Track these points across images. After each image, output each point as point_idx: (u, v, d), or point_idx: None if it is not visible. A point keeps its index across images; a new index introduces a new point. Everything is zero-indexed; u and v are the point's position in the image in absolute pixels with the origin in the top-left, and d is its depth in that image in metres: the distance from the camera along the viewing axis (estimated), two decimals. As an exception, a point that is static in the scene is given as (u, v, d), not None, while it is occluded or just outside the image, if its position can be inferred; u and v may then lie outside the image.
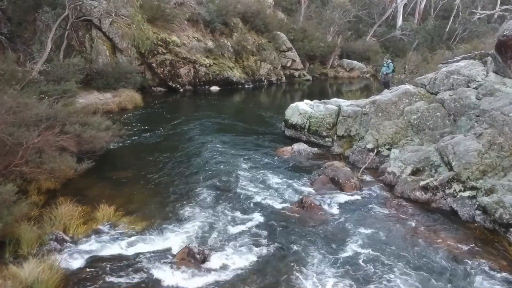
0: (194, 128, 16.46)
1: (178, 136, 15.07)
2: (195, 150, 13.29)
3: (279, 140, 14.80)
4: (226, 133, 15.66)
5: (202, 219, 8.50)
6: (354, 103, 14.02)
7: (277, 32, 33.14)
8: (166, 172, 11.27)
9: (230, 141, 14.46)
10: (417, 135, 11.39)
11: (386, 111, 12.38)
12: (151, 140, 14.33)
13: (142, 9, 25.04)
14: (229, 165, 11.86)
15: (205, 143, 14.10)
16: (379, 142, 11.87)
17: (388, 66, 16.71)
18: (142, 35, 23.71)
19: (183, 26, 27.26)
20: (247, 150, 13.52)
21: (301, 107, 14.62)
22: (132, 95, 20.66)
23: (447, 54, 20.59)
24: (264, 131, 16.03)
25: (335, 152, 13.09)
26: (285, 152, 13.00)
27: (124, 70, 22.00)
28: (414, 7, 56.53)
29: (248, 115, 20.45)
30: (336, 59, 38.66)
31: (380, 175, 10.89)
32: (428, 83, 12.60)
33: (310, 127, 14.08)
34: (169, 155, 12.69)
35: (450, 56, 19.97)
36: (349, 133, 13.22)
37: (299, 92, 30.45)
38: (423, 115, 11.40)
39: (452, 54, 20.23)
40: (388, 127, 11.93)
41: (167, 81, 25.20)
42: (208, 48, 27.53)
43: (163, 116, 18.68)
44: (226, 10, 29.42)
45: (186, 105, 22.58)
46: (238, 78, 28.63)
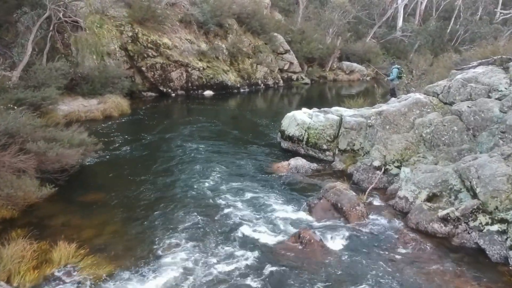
0: (183, 138, 15.12)
1: (164, 148, 13.72)
2: (181, 166, 11.95)
3: (274, 153, 13.45)
4: (218, 145, 14.34)
5: (183, 258, 7.15)
6: (358, 112, 12.66)
7: (274, 34, 31.84)
8: (146, 193, 9.91)
9: (221, 155, 13.13)
10: (430, 152, 10.04)
11: (394, 124, 11.02)
12: (134, 154, 12.97)
13: (132, 9, 23.74)
14: (219, 184, 10.53)
15: (193, 157, 12.77)
16: (386, 159, 10.51)
17: (393, 72, 15.04)
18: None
19: (175, 28, 25.91)
20: (239, 166, 12.18)
21: (299, 117, 13.27)
22: (118, 101, 19.28)
23: (454, 57, 19.24)
24: (259, 143, 14.68)
25: (337, 168, 11.73)
26: (281, 168, 11.65)
27: (112, 74, 20.65)
28: (415, 8, 55.37)
29: (242, 123, 19.12)
30: (335, 62, 37.37)
31: (389, 198, 9.52)
32: (441, 92, 11.25)
33: (309, 139, 12.74)
34: (151, 172, 11.34)
35: (459, 59, 18.65)
36: (352, 147, 11.86)
37: (297, 96, 29.13)
38: (438, 129, 10.03)
39: (460, 57, 18.89)
40: (397, 142, 10.57)
41: (158, 85, 23.88)
42: (202, 50, 26.20)
43: (150, 125, 17.33)
44: (221, 10, 28.08)
45: (177, 111, 21.23)
46: (233, 82, 27.32)
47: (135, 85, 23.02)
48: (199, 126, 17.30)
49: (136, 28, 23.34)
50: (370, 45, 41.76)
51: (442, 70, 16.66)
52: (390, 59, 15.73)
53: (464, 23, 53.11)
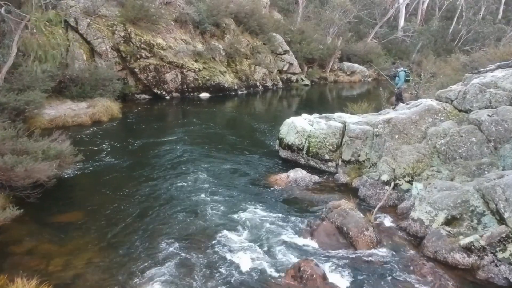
0: (174, 144, 14.12)
1: (153, 157, 12.69)
2: (170, 177, 10.92)
3: (272, 163, 12.42)
4: (212, 152, 13.35)
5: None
6: (363, 119, 11.63)
7: (273, 34, 30.87)
8: (129, 211, 8.88)
9: (215, 164, 12.12)
10: (445, 165, 9.00)
11: (404, 133, 9.98)
12: (119, 163, 11.93)
13: (124, 8, 22.71)
14: (210, 200, 9.49)
15: (184, 167, 11.76)
16: (396, 173, 9.46)
17: (399, 75, 13.82)
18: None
19: (170, 28, 24.90)
20: (234, 177, 11.17)
21: (299, 124, 12.24)
22: (108, 105, 18.25)
23: (462, 58, 18.24)
24: (256, 150, 13.67)
25: (340, 181, 10.68)
26: (279, 181, 10.62)
27: (102, 76, 19.61)
28: (416, 8, 54.42)
29: (239, 128, 18.09)
30: (336, 62, 36.38)
31: (400, 218, 8.47)
32: (455, 98, 10.20)
33: (310, 148, 11.71)
34: (137, 185, 10.32)
35: (467, 61, 17.65)
36: (357, 157, 10.82)
37: (297, 99, 28.09)
38: (454, 140, 8.98)
39: (469, 59, 17.89)
40: (408, 154, 9.52)
41: (151, 87, 22.86)
42: (198, 51, 25.18)
43: (141, 130, 16.33)
44: (218, 10, 27.09)
45: (171, 115, 20.18)
46: (231, 84, 26.31)
47: (128, 87, 22.03)
48: (193, 131, 16.31)
49: (128, 28, 22.33)
50: (371, 45, 40.81)
51: (450, 72, 15.61)
52: (395, 62, 13.93)
53: (467, 23, 52.19)
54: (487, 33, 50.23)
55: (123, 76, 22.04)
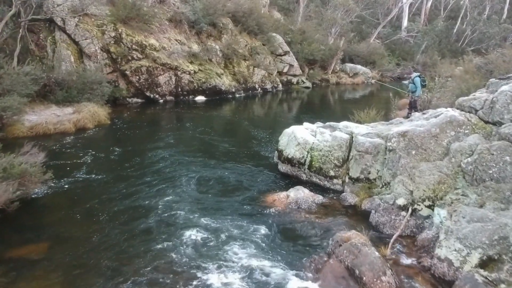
0: (164, 155, 12.88)
1: (137, 170, 11.41)
2: (153, 196, 9.63)
3: (270, 178, 11.11)
4: (204, 164, 12.10)
5: None
6: (372, 130, 10.30)
7: (272, 34, 29.59)
8: (101, 243, 7.57)
9: (206, 179, 10.87)
10: (472, 188, 7.67)
11: (422, 148, 8.64)
12: (98, 180, 10.63)
13: (115, 7, 21.44)
14: (197, 225, 8.20)
15: (171, 183, 10.50)
16: (414, 196, 8.14)
17: (414, 81, 12.07)
18: None
19: (164, 27, 23.65)
20: (227, 195, 9.88)
21: (300, 134, 10.93)
22: (95, 110, 16.99)
23: (476, 60, 16.91)
24: (253, 162, 12.38)
25: (348, 203, 9.36)
26: (278, 202, 9.31)
27: (91, 79, 18.38)
28: (420, 7, 53.13)
29: (236, 134, 16.79)
30: (338, 64, 35.06)
31: (421, 253, 7.14)
32: (481, 107, 8.86)
33: (312, 163, 10.39)
34: (115, 207, 9.02)
35: (482, 63, 16.33)
36: (367, 175, 9.50)
37: (298, 102, 26.78)
38: (483, 159, 7.65)
39: (483, 60, 16.57)
40: (427, 173, 8.20)
41: (144, 91, 21.62)
42: (193, 52, 23.90)
43: (129, 138, 15.05)
44: (214, 9, 25.82)
45: (164, 120, 18.88)
46: (228, 87, 25.02)
47: (119, 90, 20.79)
48: (186, 139, 15.16)
49: (119, 28, 21.13)
50: (374, 46, 39.54)
51: (463, 75, 14.29)
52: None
53: (472, 22, 50.94)
54: (492, 33, 48.99)
55: (114, 78, 20.88)
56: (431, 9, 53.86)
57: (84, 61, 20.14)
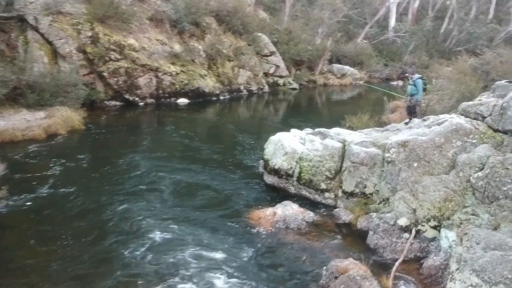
0: (141, 163, 11.98)
1: (109, 180, 10.50)
2: (124, 214, 8.67)
3: (256, 190, 10.15)
4: (184, 173, 11.25)
5: None
6: (367, 138, 9.38)
7: (258, 34, 28.66)
8: (58, 271, 6.52)
9: (184, 192, 9.98)
10: (483, 206, 6.77)
11: (425, 160, 7.73)
12: (64, 195, 9.59)
13: (91, 5, 20.29)
14: (171, 251, 7.19)
15: (146, 195, 9.60)
16: (417, 215, 7.22)
17: (416, 84, 10.86)
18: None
19: (144, 27, 22.56)
20: (206, 211, 8.90)
21: (287, 143, 9.97)
22: (68, 115, 15.92)
23: (471, 61, 16.11)
24: (237, 171, 11.43)
25: (341, 220, 8.42)
26: (264, 220, 8.34)
27: (65, 81, 17.27)
28: (407, 7, 52.58)
29: (219, 140, 15.82)
30: (325, 64, 34.21)
31: (428, 283, 6.20)
32: (489, 114, 7.97)
33: (301, 174, 9.44)
34: (78, 228, 8.04)
35: (477, 63, 15.55)
36: (363, 189, 8.57)
37: (284, 104, 25.91)
38: (496, 174, 6.74)
39: (478, 61, 15.78)
40: (432, 189, 7.28)
41: (122, 93, 20.56)
42: (175, 52, 22.86)
43: (103, 145, 14.06)
44: (197, 7, 24.86)
45: (143, 125, 17.83)
46: (212, 88, 24.02)
47: (96, 93, 19.73)
48: (166, 144, 14.38)
49: (96, 27, 20.08)
50: (362, 46, 38.79)
51: (460, 76, 13.45)
52: (410, 68, 10.63)
53: (459, 23, 50.62)
54: (480, 34, 48.66)
55: (90, 80, 19.85)
56: (418, 9, 53.34)
57: (59, 62, 19.04)
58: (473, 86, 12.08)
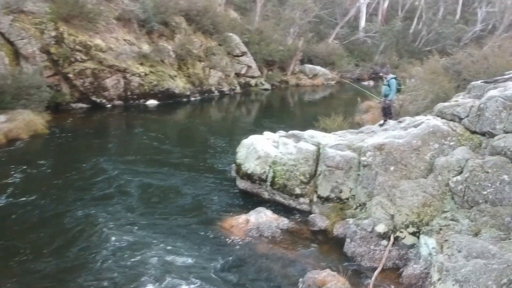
0: (106, 168, 11.51)
1: (73, 190, 9.96)
2: (88, 222, 8.19)
3: (228, 196, 9.74)
4: (152, 179, 10.80)
5: None
6: (342, 141, 9.10)
7: (229, 34, 28.24)
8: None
9: (152, 198, 9.53)
10: (463, 211, 6.55)
11: (402, 164, 7.47)
12: (22, 205, 9.03)
13: (55, 4, 19.51)
14: (136, 261, 6.75)
15: (110, 202, 9.20)
16: (396, 221, 6.94)
17: (389, 84, 10.78)
18: None
19: (111, 27, 21.86)
20: (175, 219, 8.47)
21: (260, 146, 9.61)
22: (31, 119, 15.20)
23: (442, 60, 16.07)
24: (209, 177, 10.99)
25: (317, 227, 8.10)
26: (236, 228, 7.95)
27: (27, 83, 16.50)
28: (376, 8, 52.95)
29: (190, 143, 15.35)
30: (297, 65, 34.02)
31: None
32: (466, 115, 7.77)
33: (275, 179, 9.09)
34: (36, 240, 7.47)
35: (449, 63, 15.50)
36: (339, 194, 8.28)
37: (257, 105, 25.59)
38: (475, 177, 6.52)
39: (450, 61, 15.75)
40: (410, 193, 7.03)
41: (89, 95, 19.85)
42: (143, 53, 22.25)
43: (67, 150, 13.47)
44: (166, 6, 24.28)
45: (111, 127, 17.24)
46: (182, 89, 23.49)
47: (61, 95, 19.00)
48: (134, 148, 13.90)
49: (60, 27, 19.30)
50: (333, 46, 38.75)
51: (433, 77, 13.34)
52: (384, 69, 10.26)
53: (428, 23, 51.32)
54: (448, 34, 49.40)
55: (55, 82, 19.15)
56: (388, 10, 53.78)
57: (21, 63, 18.25)
58: (448, 87, 11.96)
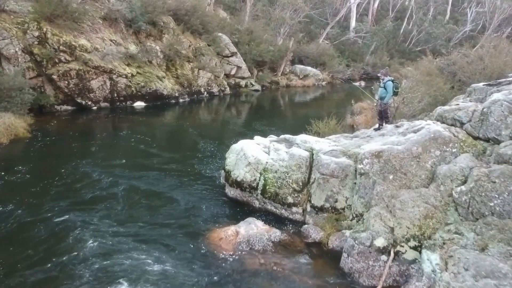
0: (89, 174, 11.09)
1: (52, 197, 9.45)
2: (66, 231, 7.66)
3: (217, 205, 9.23)
4: (137, 185, 10.31)
5: None
6: (336, 146, 8.63)
7: (218, 34, 27.78)
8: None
9: (136, 205, 9.05)
10: (467, 223, 6.11)
11: (402, 172, 7.01)
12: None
13: (38, 3, 18.88)
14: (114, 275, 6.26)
15: (91, 211, 8.68)
16: (396, 234, 6.48)
17: (386, 86, 9.63)
18: None
19: (97, 26, 21.26)
20: (160, 229, 7.96)
21: (250, 152, 9.12)
22: (12, 122, 14.58)
23: (437, 61, 15.69)
24: (197, 183, 10.48)
25: (311, 239, 7.62)
26: (225, 241, 7.44)
27: (8, 85, 15.86)
28: (367, 8, 52.72)
29: (178, 147, 14.83)
30: (288, 65, 33.60)
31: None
32: (468, 120, 7.34)
33: (266, 187, 8.60)
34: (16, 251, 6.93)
35: (444, 64, 15.13)
36: (334, 204, 7.80)
37: (247, 106, 25.08)
38: (481, 187, 6.09)
39: (444, 61, 15.38)
40: (411, 204, 6.57)
41: (74, 97, 19.27)
42: (130, 53, 21.71)
43: (49, 155, 12.97)
44: (154, 6, 23.72)
45: (96, 131, 16.61)
46: (170, 91, 22.96)
47: (45, 97, 18.41)
48: (120, 152, 13.31)
49: (44, 27, 18.74)
50: (324, 46, 38.40)
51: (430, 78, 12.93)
52: (382, 70, 9.71)
53: (418, 23, 51.22)
54: (438, 34, 49.33)
55: (39, 84, 18.57)
56: (378, 10, 53.59)
57: (2, 64, 17.67)
58: (445, 89, 11.56)
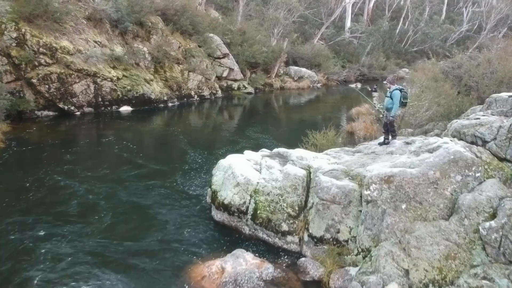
0: (64, 187, 10.31)
1: (22, 211, 8.43)
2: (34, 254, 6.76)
3: (201, 231, 8.16)
4: (115, 203, 9.44)
5: None
6: (337, 165, 7.58)
7: (209, 35, 26.85)
8: None
9: (111, 229, 8.08)
10: (498, 266, 5.09)
11: (416, 200, 5.96)
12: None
13: (16, 2, 17.76)
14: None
15: (60, 233, 7.77)
16: (412, 279, 5.42)
17: (392, 96, 8.41)
18: None
19: (80, 27, 20.20)
20: (131, 261, 6.95)
21: (239, 170, 8.06)
22: (-15, 130, 13.48)
23: (442, 64, 14.71)
24: (181, 203, 9.47)
25: (309, 276, 6.53)
26: (208, 280, 6.38)
27: (-17, 90, 14.84)
28: (362, 8, 51.88)
29: (164, 157, 13.78)
30: (282, 67, 32.61)
31: None
32: (492, 138, 6.31)
33: (257, 212, 7.53)
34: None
35: (448, 67, 14.14)
36: (335, 234, 6.72)
37: (239, 110, 24.10)
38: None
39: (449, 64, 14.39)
40: (429, 241, 5.52)
41: (56, 102, 18.21)
42: (116, 55, 20.68)
43: (24, 165, 12.10)
44: (141, 5, 22.78)
45: (79, 139, 15.58)
46: (159, 94, 21.98)
47: (24, 103, 17.37)
48: (102, 163, 12.28)
49: (23, 27, 17.80)
50: (319, 47, 37.48)
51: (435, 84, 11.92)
52: (388, 78, 8.46)
53: (414, 23, 50.54)
54: (434, 34, 48.65)
55: (17, 88, 17.57)
56: (373, 9, 52.78)
57: (-21, 69, 16.51)
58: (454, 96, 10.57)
